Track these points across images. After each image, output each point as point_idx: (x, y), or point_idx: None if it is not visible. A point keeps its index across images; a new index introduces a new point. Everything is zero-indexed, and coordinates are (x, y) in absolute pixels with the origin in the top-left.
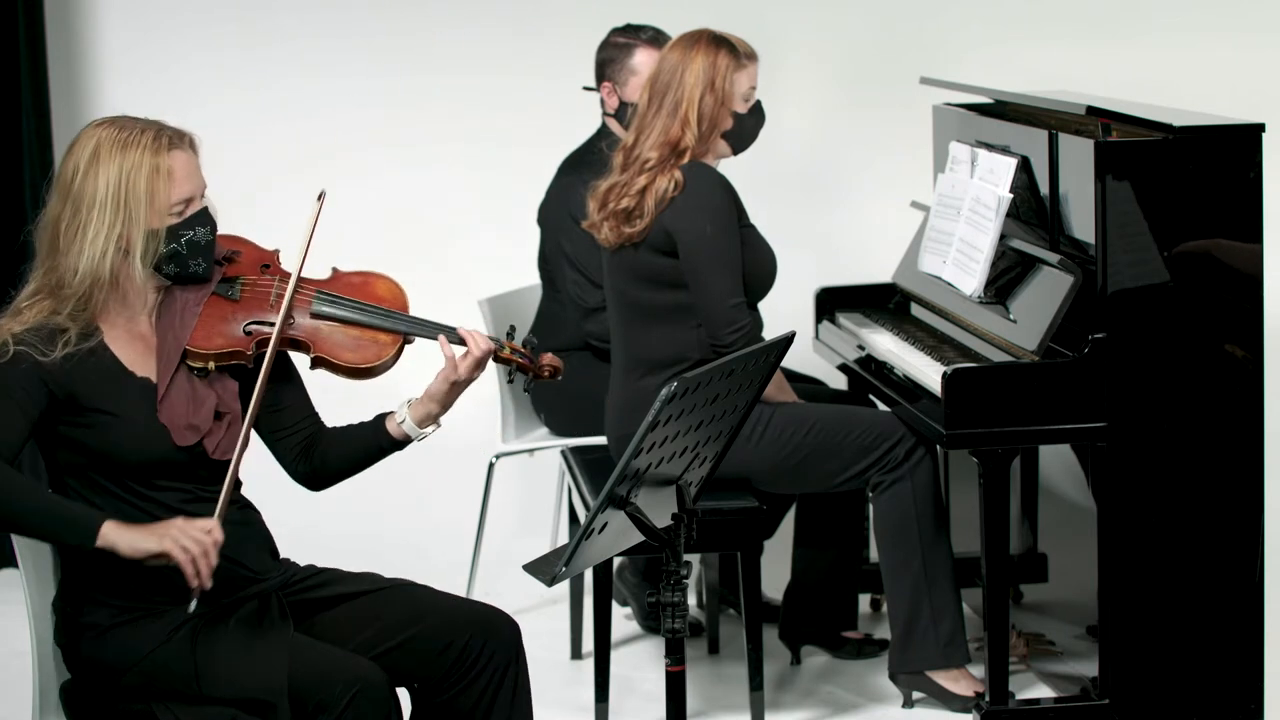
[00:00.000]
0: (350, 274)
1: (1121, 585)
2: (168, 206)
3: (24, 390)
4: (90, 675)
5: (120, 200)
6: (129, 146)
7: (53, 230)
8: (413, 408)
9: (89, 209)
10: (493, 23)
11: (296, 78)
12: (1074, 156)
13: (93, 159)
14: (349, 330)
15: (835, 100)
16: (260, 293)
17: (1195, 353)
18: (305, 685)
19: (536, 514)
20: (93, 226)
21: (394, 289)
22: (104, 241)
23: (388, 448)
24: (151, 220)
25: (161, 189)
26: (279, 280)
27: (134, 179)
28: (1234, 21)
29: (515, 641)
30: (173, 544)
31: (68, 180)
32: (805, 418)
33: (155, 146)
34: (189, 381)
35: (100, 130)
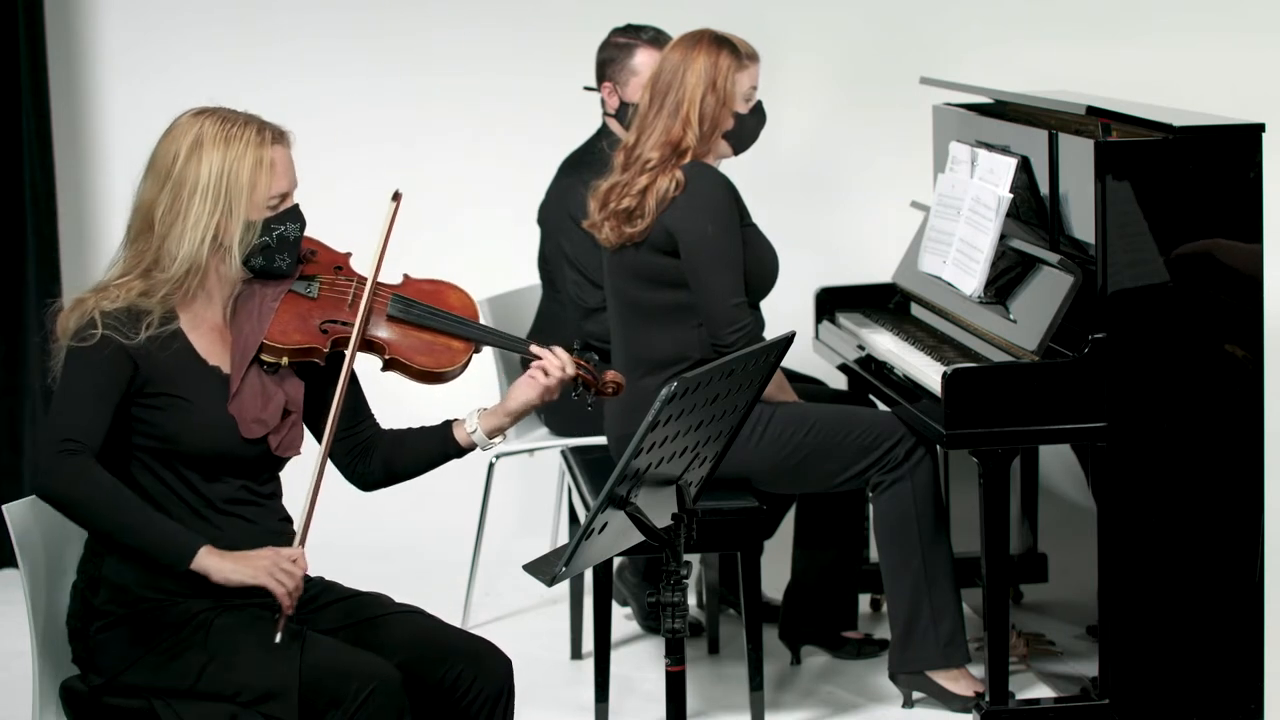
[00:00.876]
0: (421, 281)
1: (1121, 585)
2: (266, 199)
3: (108, 376)
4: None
5: (223, 189)
6: (233, 138)
7: (146, 213)
8: (484, 418)
9: (190, 195)
10: (493, 22)
11: (296, 78)
12: (1074, 156)
13: (195, 146)
14: (423, 335)
15: (835, 100)
16: (338, 293)
17: (1195, 353)
18: (319, 680)
19: (536, 514)
20: (194, 213)
21: (464, 298)
22: (204, 229)
23: (453, 454)
24: (250, 212)
25: (263, 181)
26: (356, 282)
27: (238, 169)
28: (1234, 21)
29: (506, 677)
30: (269, 577)
31: (167, 165)
32: (805, 418)
33: (259, 139)
34: (259, 377)
35: (203, 119)
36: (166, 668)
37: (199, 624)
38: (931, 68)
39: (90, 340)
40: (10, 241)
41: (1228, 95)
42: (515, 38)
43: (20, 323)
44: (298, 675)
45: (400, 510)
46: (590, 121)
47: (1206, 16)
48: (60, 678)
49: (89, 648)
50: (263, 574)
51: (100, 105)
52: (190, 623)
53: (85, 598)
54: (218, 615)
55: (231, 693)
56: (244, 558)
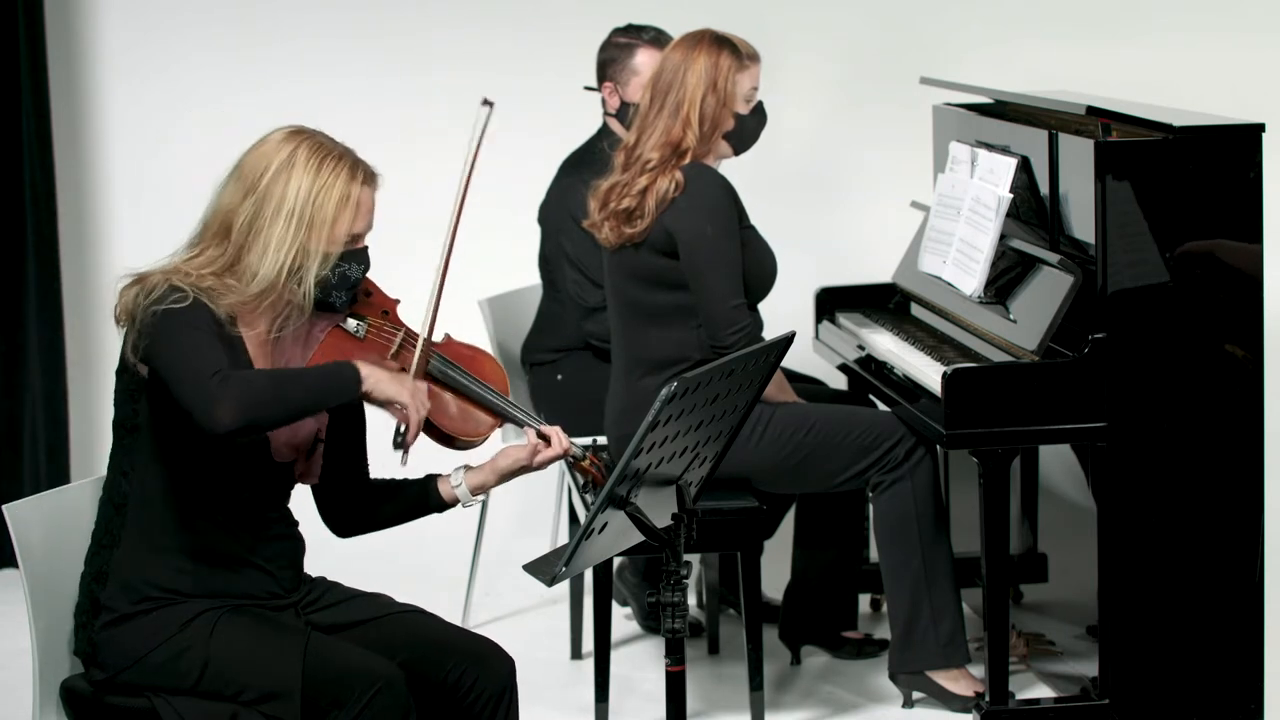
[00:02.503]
0: (461, 345)
1: (1121, 585)
2: (344, 236)
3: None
4: (101, 658)
5: (307, 216)
6: (325, 167)
7: (226, 218)
8: (469, 475)
9: (275, 212)
10: (493, 22)
11: (296, 78)
12: (1074, 156)
13: (288, 163)
14: (455, 398)
15: (835, 100)
16: (385, 339)
17: (1195, 353)
18: (323, 681)
19: (536, 514)
20: (276, 234)
21: (499, 372)
22: (286, 253)
23: (434, 509)
24: (327, 244)
25: (346, 217)
26: (403, 333)
27: (324, 199)
28: (1234, 21)
29: (508, 676)
30: (413, 399)
31: (255, 175)
32: (805, 418)
33: (351, 174)
34: None
35: (300, 139)
36: (169, 666)
37: (203, 623)
38: (931, 68)
39: (183, 302)
40: (10, 241)
41: (1228, 95)
42: (515, 38)
43: (20, 323)
44: (300, 675)
45: None
46: (591, 121)
47: (1206, 16)
48: (60, 678)
49: (93, 642)
50: (408, 394)
51: (100, 105)
52: (194, 621)
53: (92, 590)
54: (222, 614)
55: (233, 692)
56: (395, 376)
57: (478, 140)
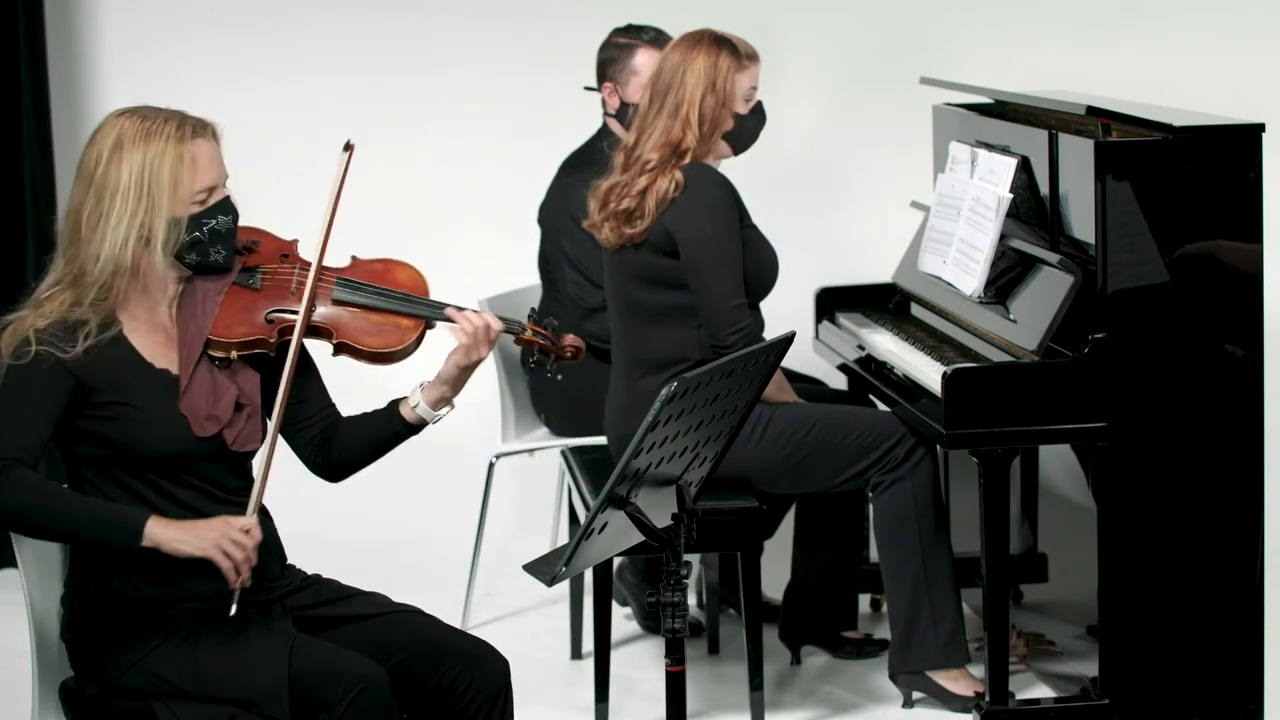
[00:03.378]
0: (370, 261)
1: (1121, 585)
2: (191, 195)
3: (46, 391)
4: (93, 672)
5: (144, 188)
6: (152, 135)
7: (74, 219)
8: (425, 391)
9: (112, 197)
10: (493, 22)
11: (296, 77)
12: (1074, 156)
13: (115, 148)
14: (370, 316)
15: (835, 100)
16: (281, 281)
17: (1195, 353)
18: (308, 683)
19: (536, 514)
20: (114, 214)
21: (414, 275)
22: (125, 229)
23: (403, 433)
24: (175, 209)
25: (185, 177)
26: (299, 269)
27: (157, 167)
28: (1234, 21)
29: (503, 679)
30: (215, 549)
31: (90, 169)
32: (805, 418)
33: (179, 135)
34: (210, 372)
35: (123, 120)
36: (160, 673)
37: (191, 628)
38: (931, 68)
39: (25, 358)
40: (10, 241)
41: (1228, 95)
42: (515, 38)
43: None
44: (286, 679)
45: (400, 510)
46: (591, 121)
47: (1206, 16)
48: (59, 678)
49: (83, 657)
50: (210, 546)
51: (100, 105)
52: (183, 628)
53: (75, 609)
54: (210, 619)
55: (225, 696)
56: (193, 528)
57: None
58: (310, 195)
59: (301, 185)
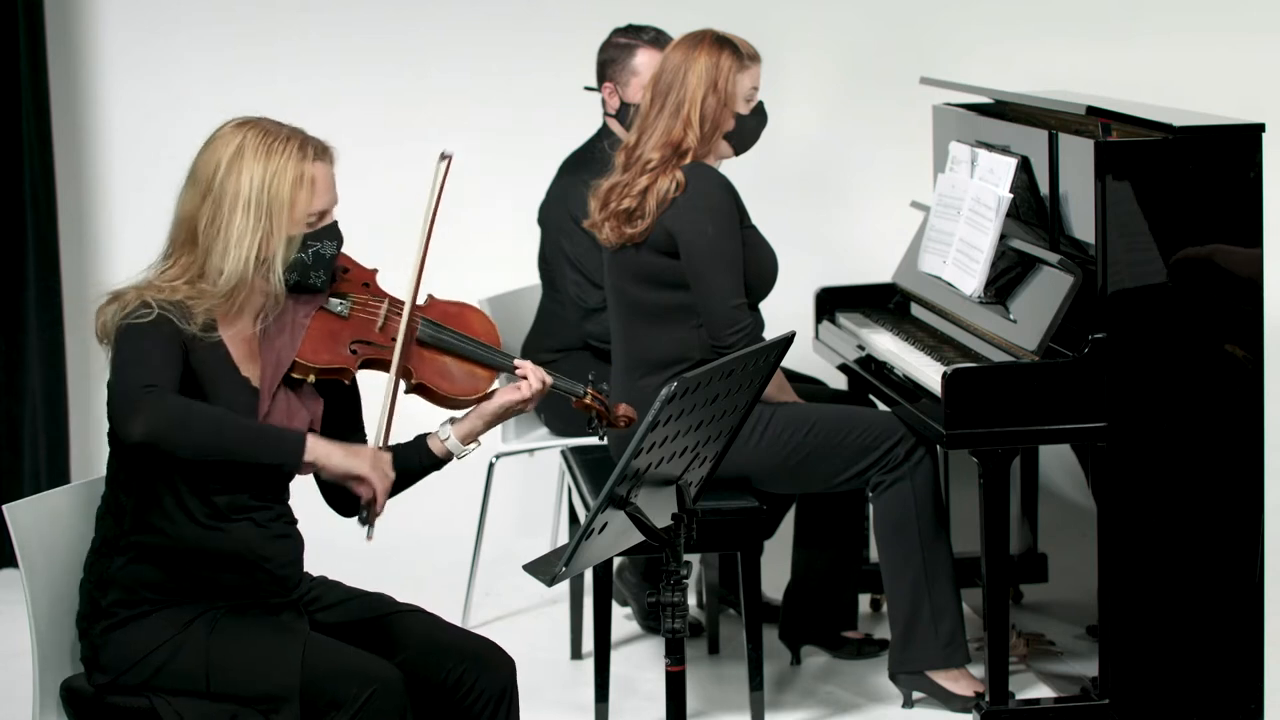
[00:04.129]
0: (447, 303)
1: (1121, 585)
2: (305, 216)
3: (170, 342)
4: (102, 661)
5: (264, 204)
6: (274, 151)
7: (190, 225)
8: (456, 425)
9: (231, 208)
10: (493, 22)
11: (296, 78)
12: (1074, 156)
13: (237, 156)
14: (449, 361)
15: (836, 101)
16: (369, 313)
17: (1195, 353)
18: (321, 682)
19: (536, 514)
20: (236, 228)
21: (487, 324)
22: (249, 245)
23: (429, 466)
24: (290, 226)
25: (303, 197)
26: (389, 305)
27: (278, 184)
28: (1234, 21)
29: (509, 677)
30: (371, 470)
31: (208, 176)
32: (805, 418)
33: (301, 155)
34: (287, 395)
35: (245, 130)
36: (170, 667)
37: (203, 624)
38: (931, 68)
39: (147, 317)
40: (10, 241)
41: (1228, 95)
42: (515, 38)
43: (20, 323)
44: (299, 677)
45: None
46: (591, 121)
47: (1206, 16)
48: (60, 678)
49: (94, 646)
50: (368, 466)
51: (100, 105)
52: (194, 622)
53: (94, 597)
54: (221, 615)
55: (233, 693)
56: (352, 450)
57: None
58: None
59: None
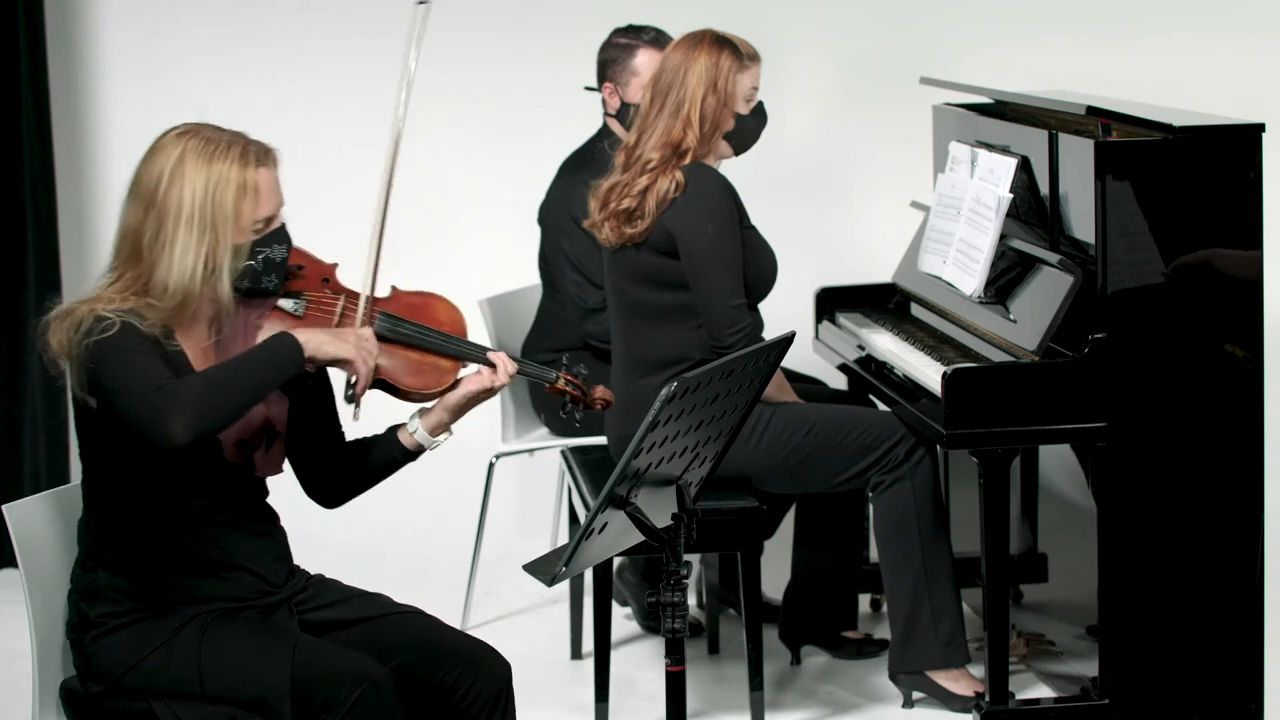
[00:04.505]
0: (410, 294)
1: (1121, 585)
2: (251, 224)
3: (145, 343)
4: (95, 670)
5: (208, 217)
6: (215, 159)
7: (134, 239)
8: (425, 417)
9: (175, 223)
10: (493, 21)
11: (296, 78)
12: (1074, 156)
13: (178, 168)
14: (410, 355)
15: (836, 101)
16: (325, 311)
17: (1195, 353)
18: (311, 683)
19: (536, 514)
20: (179, 243)
21: (453, 312)
22: (193, 259)
23: (401, 459)
24: (235, 236)
25: (248, 206)
26: (345, 298)
27: (221, 194)
28: (1233, 21)
29: (504, 680)
30: (356, 351)
31: (150, 188)
32: (805, 418)
33: (243, 162)
34: None
35: (185, 140)
36: (163, 672)
37: (193, 629)
38: (931, 68)
39: (111, 329)
40: (10, 241)
41: (1228, 95)
42: (515, 38)
43: (20, 323)
44: (289, 680)
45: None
46: (591, 121)
47: (1206, 16)
48: (60, 679)
49: (86, 655)
50: (352, 349)
51: (100, 105)
52: (184, 628)
53: (81, 609)
54: (211, 620)
55: (229, 695)
56: (335, 333)
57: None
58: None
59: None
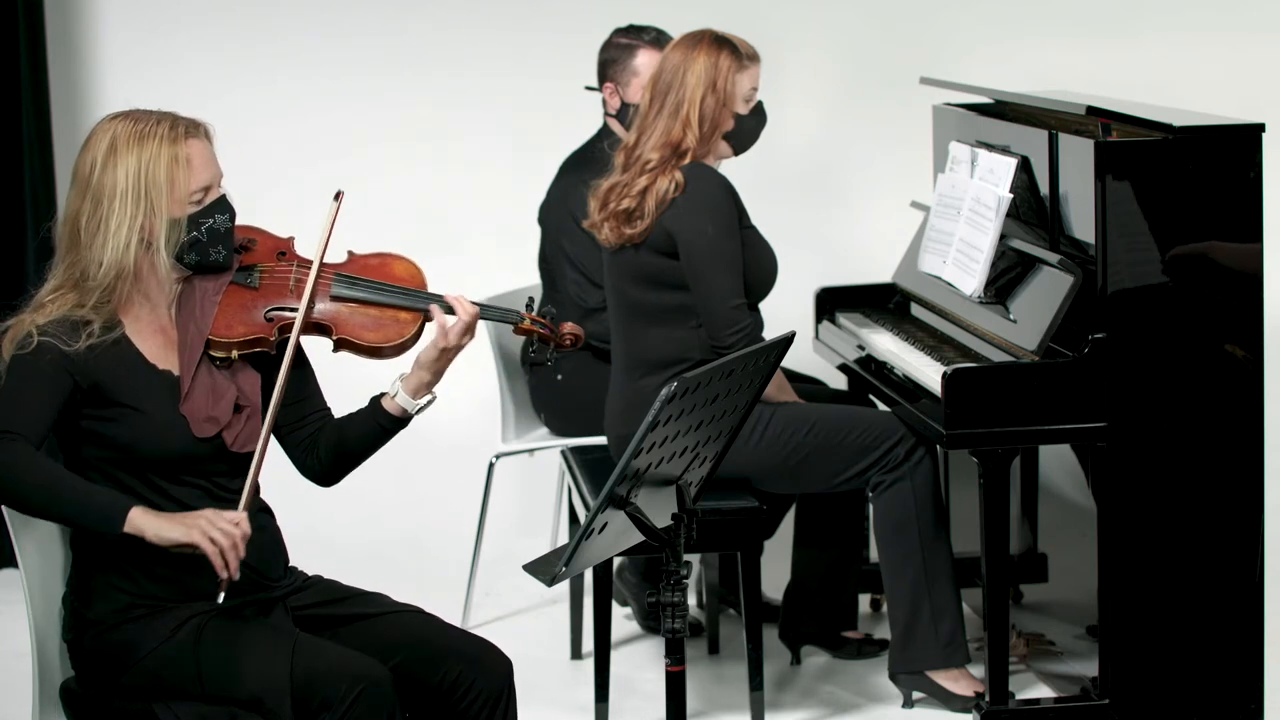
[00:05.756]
0: (367, 256)
1: (1121, 585)
2: (187, 195)
3: (49, 379)
4: (94, 671)
5: (141, 191)
6: (146, 138)
7: (73, 225)
8: (405, 380)
9: (110, 201)
10: (494, 22)
11: (296, 78)
12: (1074, 156)
13: (110, 152)
14: (369, 311)
15: (836, 101)
16: (279, 279)
17: (1195, 353)
18: (310, 682)
19: (536, 514)
20: (114, 218)
21: (411, 268)
22: (127, 232)
23: (389, 426)
24: (172, 209)
25: (181, 178)
26: (297, 266)
27: (153, 169)
28: (1233, 21)
29: (505, 678)
30: (200, 535)
31: (86, 175)
32: (805, 418)
33: (172, 136)
34: (210, 374)
35: (115, 124)
36: (161, 672)
37: (191, 628)
38: (931, 68)
39: (28, 348)
40: (10, 241)
41: (1228, 95)
42: (515, 38)
43: None
44: (289, 678)
45: (400, 510)
46: (591, 121)
47: (1206, 16)
48: (60, 678)
49: (84, 657)
50: (195, 532)
51: (100, 105)
52: (182, 627)
53: (76, 609)
54: (210, 619)
55: (228, 695)
56: (179, 518)
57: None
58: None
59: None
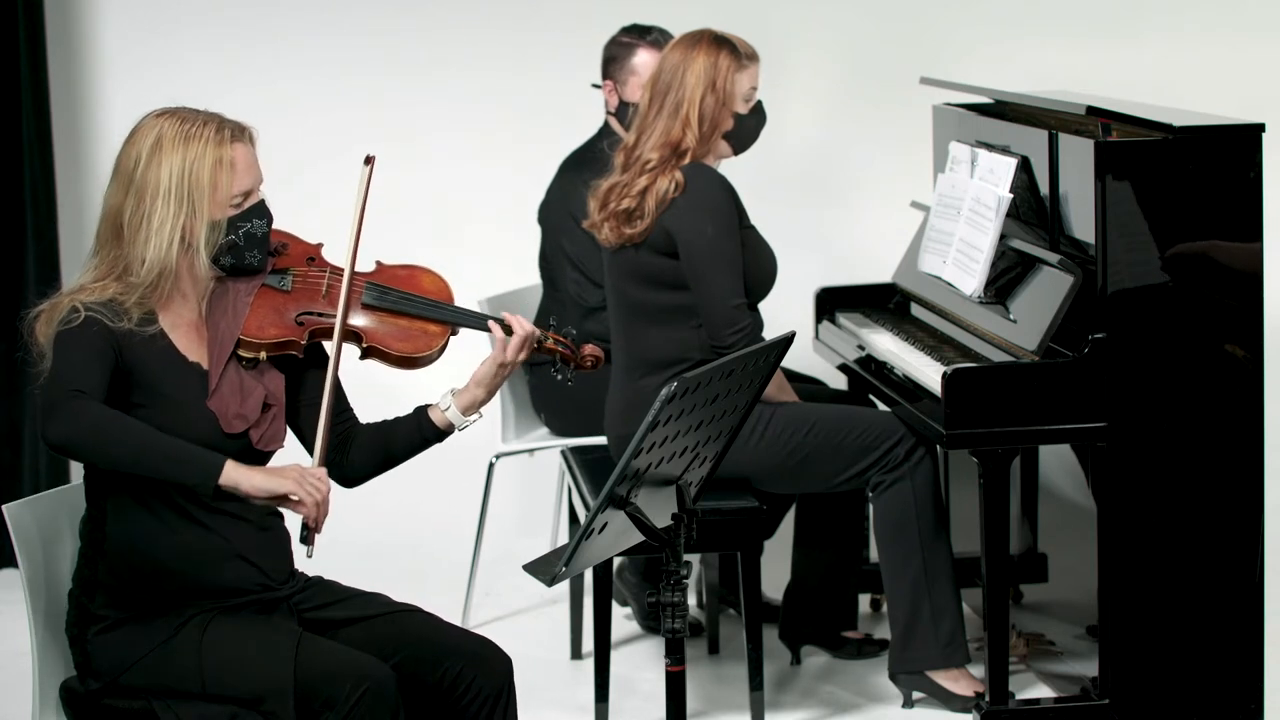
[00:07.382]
0: (395, 267)
1: (1121, 585)
2: (229, 198)
3: (98, 350)
4: (96, 668)
5: (185, 191)
6: (192, 138)
7: (114, 220)
8: (458, 396)
9: (153, 199)
10: (495, 20)
11: (297, 77)
12: (1074, 156)
13: (155, 149)
14: (399, 321)
15: (836, 100)
16: (311, 284)
17: (1195, 353)
18: (313, 682)
19: (536, 514)
20: (157, 216)
21: (438, 282)
22: (170, 232)
23: (431, 438)
24: (213, 211)
25: (224, 180)
26: (330, 273)
27: (198, 170)
28: (1234, 21)
29: (506, 676)
30: (298, 486)
31: (129, 169)
32: (805, 418)
33: (218, 138)
34: (238, 372)
35: (162, 121)
36: (163, 670)
37: (195, 626)
38: (931, 68)
39: (75, 321)
40: (10, 241)
41: (1228, 95)
42: (515, 38)
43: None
44: (292, 677)
45: (400, 509)
46: (592, 120)
47: (1206, 16)
48: (60, 678)
49: (86, 652)
50: (291, 483)
51: (100, 105)
52: (186, 625)
53: (81, 604)
54: (213, 617)
55: (228, 694)
56: (272, 471)
57: (361, 199)
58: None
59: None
